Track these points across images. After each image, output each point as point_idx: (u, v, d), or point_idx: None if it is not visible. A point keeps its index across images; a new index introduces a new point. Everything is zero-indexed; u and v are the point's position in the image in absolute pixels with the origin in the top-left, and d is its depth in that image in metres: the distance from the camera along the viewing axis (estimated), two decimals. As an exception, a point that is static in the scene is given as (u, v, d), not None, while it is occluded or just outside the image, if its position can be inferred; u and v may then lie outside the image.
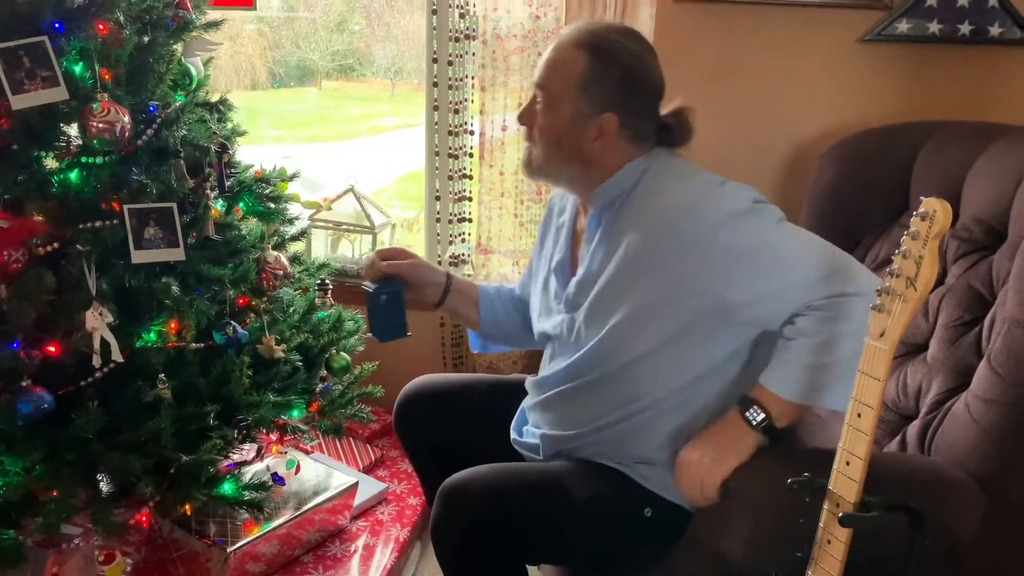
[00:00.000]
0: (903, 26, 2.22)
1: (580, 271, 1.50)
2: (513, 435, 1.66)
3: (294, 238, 2.04)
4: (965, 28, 2.18)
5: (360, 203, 2.76)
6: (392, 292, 1.58)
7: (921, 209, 1.05)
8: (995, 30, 2.17)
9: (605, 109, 1.37)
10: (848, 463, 1.14)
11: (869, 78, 2.33)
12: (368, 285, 1.59)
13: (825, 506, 1.17)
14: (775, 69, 2.38)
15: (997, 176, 1.70)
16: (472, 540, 1.37)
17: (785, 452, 1.41)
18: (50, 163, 1.64)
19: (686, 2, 2.35)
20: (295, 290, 2.03)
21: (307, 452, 2.27)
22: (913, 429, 1.60)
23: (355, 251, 2.82)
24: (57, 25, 1.59)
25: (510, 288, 1.84)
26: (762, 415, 1.32)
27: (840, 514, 1.13)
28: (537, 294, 1.66)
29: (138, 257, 1.60)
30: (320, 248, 2.85)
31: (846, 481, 1.14)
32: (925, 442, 1.56)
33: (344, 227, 2.79)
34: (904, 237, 1.07)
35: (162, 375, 1.64)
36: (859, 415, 1.12)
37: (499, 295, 1.82)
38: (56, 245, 1.60)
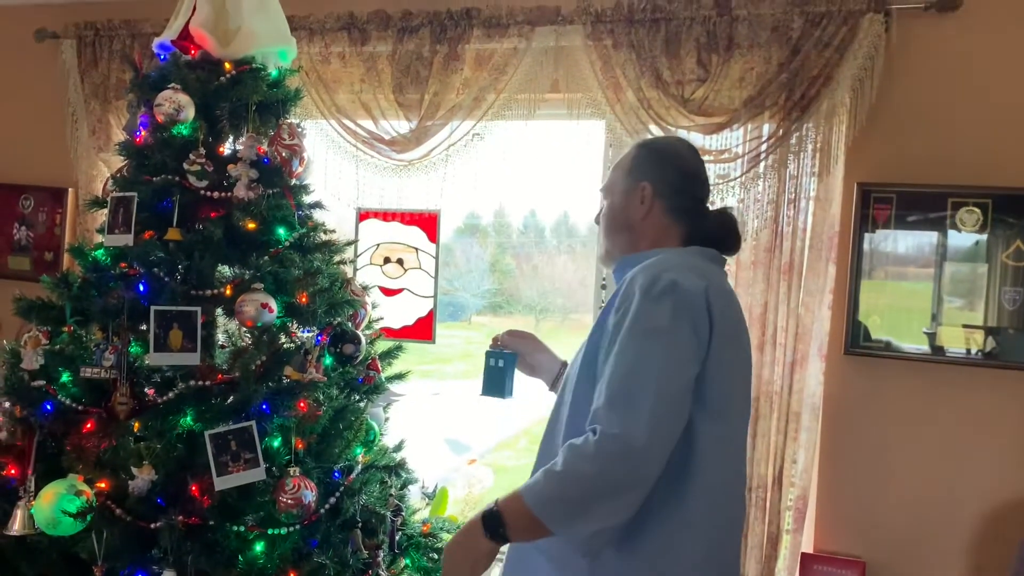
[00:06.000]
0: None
1: None
2: None
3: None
4: None
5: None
6: (504, 359, 1.73)
7: None
8: None
9: (642, 179, 1.53)
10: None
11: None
12: (490, 350, 1.77)
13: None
14: (955, 425, 2.29)
15: None
16: None
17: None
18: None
19: (857, 356, 2.33)
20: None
21: None
22: None
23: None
24: (264, 406, 1.72)
25: None
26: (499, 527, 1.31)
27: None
28: None
29: (312, 644, 1.63)
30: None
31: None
32: None
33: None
34: None
35: None
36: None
37: None
38: (236, 622, 1.65)
